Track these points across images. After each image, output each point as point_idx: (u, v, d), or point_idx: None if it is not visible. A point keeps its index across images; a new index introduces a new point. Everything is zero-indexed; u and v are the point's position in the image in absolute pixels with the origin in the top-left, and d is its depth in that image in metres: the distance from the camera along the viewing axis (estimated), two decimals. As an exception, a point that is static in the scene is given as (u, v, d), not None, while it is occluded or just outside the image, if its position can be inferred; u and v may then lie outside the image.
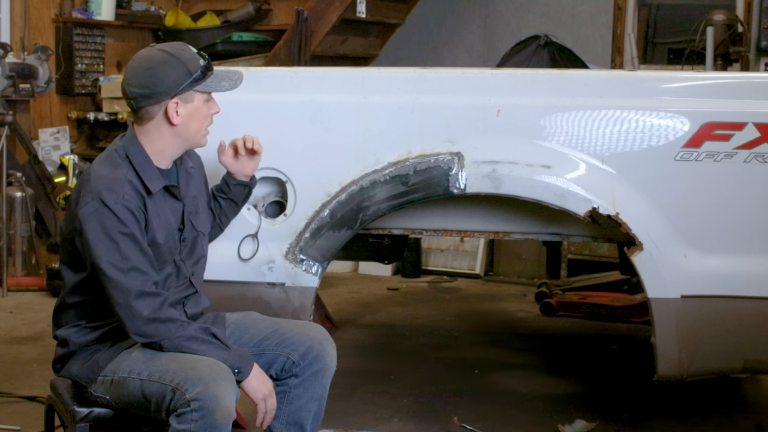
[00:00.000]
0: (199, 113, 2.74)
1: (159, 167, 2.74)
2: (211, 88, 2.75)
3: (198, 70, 2.70)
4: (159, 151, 2.73)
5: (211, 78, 2.74)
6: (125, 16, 7.42)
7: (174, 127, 2.71)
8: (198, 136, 2.78)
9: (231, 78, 2.81)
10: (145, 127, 2.72)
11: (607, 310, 5.47)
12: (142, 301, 2.58)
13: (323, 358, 2.84)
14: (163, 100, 2.68)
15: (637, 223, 3.12)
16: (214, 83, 2.75)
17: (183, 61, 2.68)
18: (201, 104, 2.74)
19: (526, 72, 3.50)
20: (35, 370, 4.48)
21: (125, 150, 2.72)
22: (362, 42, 7.43)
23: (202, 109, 2.75)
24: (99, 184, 2.62)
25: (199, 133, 2.77)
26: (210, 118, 2.79)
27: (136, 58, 2.73)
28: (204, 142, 2.82)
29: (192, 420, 2.48)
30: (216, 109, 2.80)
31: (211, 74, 2.75)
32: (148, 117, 2.70)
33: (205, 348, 2.63)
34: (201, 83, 2.71)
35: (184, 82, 2.68)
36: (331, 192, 3.25)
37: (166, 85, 2.66)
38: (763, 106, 3.12)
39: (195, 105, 2.73)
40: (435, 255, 6.86)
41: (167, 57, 2.68)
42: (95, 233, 2.59)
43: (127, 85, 2.70)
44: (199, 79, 2.70)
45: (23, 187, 6.24)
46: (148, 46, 2.79)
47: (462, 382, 4.38)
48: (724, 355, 3.27)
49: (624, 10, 7.20)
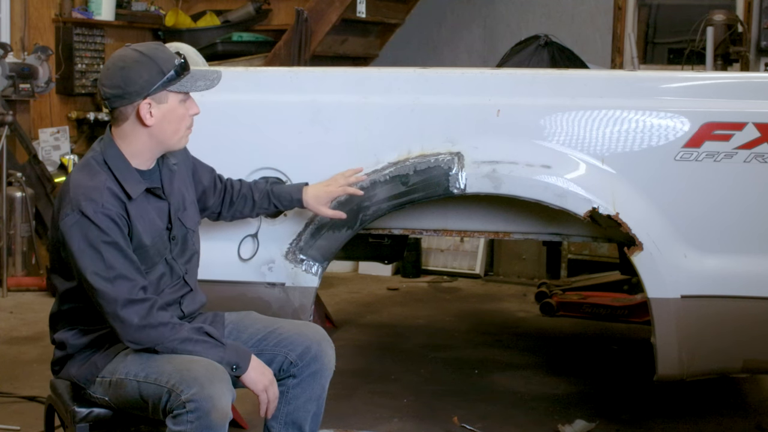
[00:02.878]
0: (174, 114, 2.69)
1: (139, 169, 2.71)
2: (186, 88, 2.69)
3: (171, 70, 2.65)
4: (137, 152, 2.70)
5: (187, 78, 2.69)
6: (125, 16, 7.42)
7: (148, 128, 2.67)
8: (175, 137, 2.72)
9: (208, 78, 2.75)
10: (122, 128, 2.69)
11: (607, 310, 5.47)
12: (130, 309, 2.57)
13: (321, 359, 2.83)
14: (136, 100, 2.64)
15: (637, 223, 3.12)
16: (189, 83, 2.70)
17: (156, 61, 2.64)
18: (176, 105, 2.69)
19: (526, 72, 3.50)
20: (35, 370, 4.48)
21: (103, 155, 2.69)
22: (362, 42, 7.43)
23: (178, 110, 2.69)
24: (78, 194, 2.60)
25: (175, 134, 2.72)
26: (188, 119, 2.74)
27: (111, 58, 2.71)
28: (182, 144, 2.77)
29: (188, 421, 2.48)
30: (195, 111, 2.74)
31: (187, 74, 2.69)
32: (122, 118, 2.67)
33: (201, 348, 2.63)
34: (175, 83, 2.66)
35: (156, 82, 2.63)
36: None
37: (138, 85, 2.63)
38: (763, 106, 3.11)
39: (169, 105, 2.67)
40: (435, 255, 6.86)
41: (140, 57, 2.65)
42: (78, 245, 2.57)
43: (101, 86, 2.68)
44: (173, 80, 2.65)
45: (23, 187, 6.24)
46: (124, 46, 2.74)
47: (462, 382, 4.38)
48: (724, 355, 3.27)
49: (624, 10, 7.20)
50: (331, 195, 3.13)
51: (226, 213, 3.11)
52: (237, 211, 3.11)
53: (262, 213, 3.16)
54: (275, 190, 3.12)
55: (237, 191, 3.10)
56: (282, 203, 3.12)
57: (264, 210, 3.14)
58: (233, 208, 3.10)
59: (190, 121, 2.75)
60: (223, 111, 3.26)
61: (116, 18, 7.33)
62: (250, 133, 3.27)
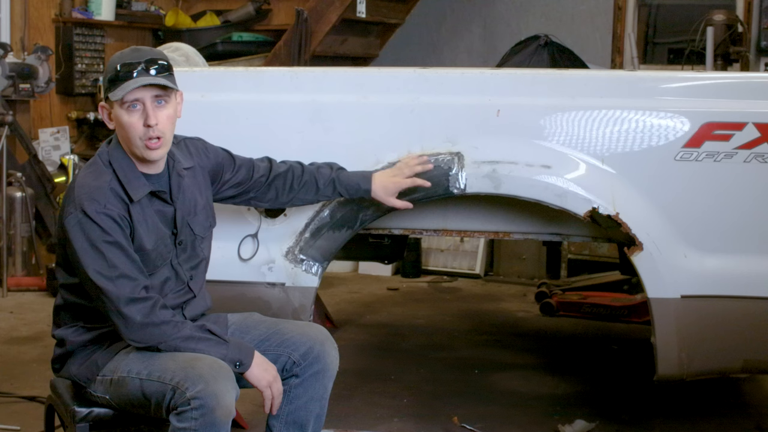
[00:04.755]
0: (119, 121, 2.64)
1: (146, 172, 2.71)
2: (115, 96, 2.61)
3: (108, 75, 2.63)
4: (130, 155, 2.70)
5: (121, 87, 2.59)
6: (125, 16, 7.42)
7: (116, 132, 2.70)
8: (131, 146, 2.65)
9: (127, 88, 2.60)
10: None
11: (607, 310, 5.47)
12: (133, 307, 2.58)
13: (324, 359, 2.83)
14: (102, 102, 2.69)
15: (637, 223, 3.12)
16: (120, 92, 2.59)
17: (110, 65, 2.65)
18: (120, 112, 2.63)
19: (526, 72, 3.50)
20: (35, 370, 4.48)
21: (109, 156, 2.69)
22: (362, 42, 7.42)
23: (122, 117, 2.63)
24: (81, 193, 2.62)
25: (130, 142, 2.64)
26: (139, 129, 2.61)
27: None
28: (146, 154, 2.64)
29: (192, 418, 2.48)
30: (150, 122, 2.61)
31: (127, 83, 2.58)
32: None
33: (203, 346, 2.63)
34: (112, 90, 2.62)
35: (104, 86, 2.65)
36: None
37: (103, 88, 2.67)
38: (763, 106, 3.11)
39: (115, 112, 2.65)
40: (435, 255, 6.86)
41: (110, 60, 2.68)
42: (80, 244, 2.59)
43: None
44: (108, 88, 2.63)
45: (23, 187, 6.24)
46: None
47: (462, 382, 4.38)
48: (724, 355, 3.27)
49: (624, 10, 7.20)
50: (400, 186, 3.10)
51: (285, 199, 3.08)
52: (297, 198, 3.09)
53: (323, 200, 3.14)
54: (341, 178, 3.10)
55: (298, 177, 3.07)
56: (348, 192, 3.10)
57: (326, 197, 3.12)
58: (292, 194, 3.07)
59: (144, 132, 2.62)
60: (223, 111, 3.27)
61: (116, 18, 7.33)
62: (250, 133, 3.26)
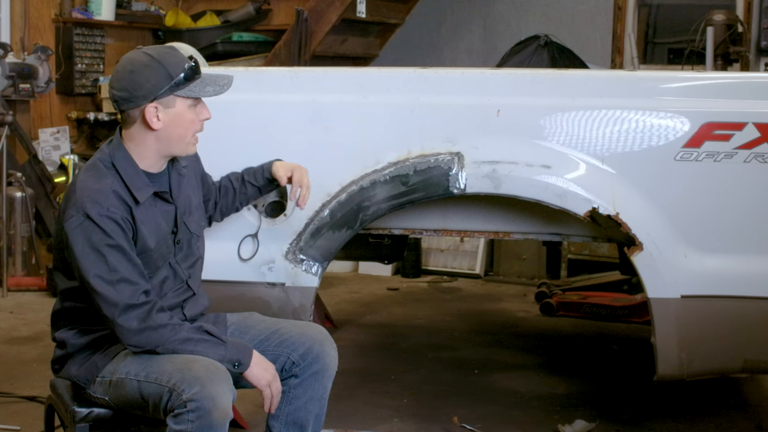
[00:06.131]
0: (182, 119, 2.68)
1: (148, 171, 2.71)
2: (194, 94, 2.68)
3: (180, 75, 2.64)
4: (145, 156, 2.70)
5: (197, 83, 2.68)
6: (125, 16, 7.42)
7: (155, 132, 2.66)
8: (182, 142, 2.71)
9: (218, 83, 2.73)
10: (130, 131, 2.69)
11: (607, 310, 5.47)
12: (131, 313, 2.57)
13: (323, 359, 2.83)
14: (142, 103, 2.63)
15: (637, 223, 3.12)
16: (198, 88, 2.68)
17: (165, 65, 2.64)
18: (184, 109, 2.68)
19: (526, 72, 3.50)
20: (35, 370, 4.48)
21: (111, 158, 2.68)
22: (362, 42, 7.42)
23: (186, 115, 2.68)
24: (83, 196, 2.60)
25: (183, 139, 2.71)
26: (198, 124, 2.72)
27: (121, 60, 2.71)
28: (190, 149, 2.75)
29: (189, 420, 2.48)
30: (206, 116, 2.73)
31: (199, 79, 2.68)
32: (131, 121, 2.68)
33: (202, 347, 2.63)
34: (182, 88, 2.65)
35: (163, 87, 2.63)
36: (331, 192, 3.24)
37: (145, 89, 2.62)
38: (763, 106, 3.11)
39: (177, 110, 2.66)
40: (435, 255, 6.86)
41: (149, 60, 2.64)
42: (81, 247, 2.57)
43: (110, 88, 2.69)
44: (180, 84, 2.64)
45: (23, 187, 6.24)
46: (135, 48, 2.74)
47: (462, 382, 4.39)
48: (724, 355, 3.27)
49: (624, 10, 7.20)
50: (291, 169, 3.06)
51: (216, 214, 3.10)
52: (223, 206, 3.10)
53: (244, 200, 3.13)
54: (249, 170, 3.11)
55: (218, 189, 3.09)
56: (255, 176, 3.09)
57: (245, 195, 3.11)
58: (218, 205, 3.09)
59: (200, 126, 2.74)
60: (222, 111, 3.26)
61: (116, 18, 7.33)
62: (249, 133, 3.27)
